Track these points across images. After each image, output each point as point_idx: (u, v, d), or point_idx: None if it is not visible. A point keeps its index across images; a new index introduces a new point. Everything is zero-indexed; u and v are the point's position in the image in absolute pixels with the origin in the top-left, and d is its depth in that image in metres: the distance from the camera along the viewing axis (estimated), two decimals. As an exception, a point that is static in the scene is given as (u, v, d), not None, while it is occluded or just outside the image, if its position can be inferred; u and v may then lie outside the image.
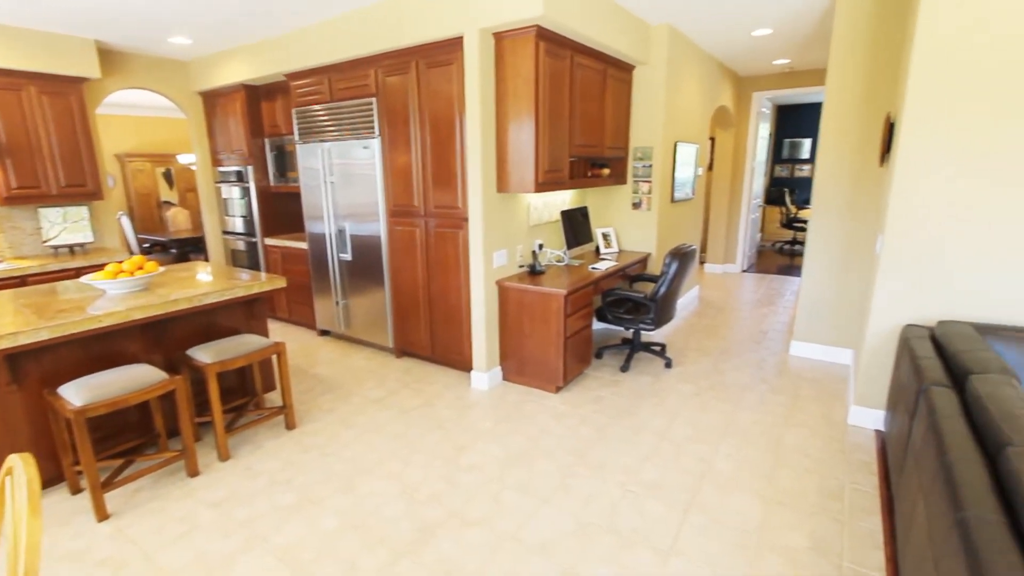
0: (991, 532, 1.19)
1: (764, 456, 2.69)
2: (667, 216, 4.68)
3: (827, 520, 2.20)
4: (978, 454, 1.49)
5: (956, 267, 2.56)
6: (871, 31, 3.42)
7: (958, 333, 2.25)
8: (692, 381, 3.62)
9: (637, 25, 3.94)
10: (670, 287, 3.56)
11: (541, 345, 3.42)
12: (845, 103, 3.56)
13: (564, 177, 3.56)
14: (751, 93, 6.59)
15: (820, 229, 3.82)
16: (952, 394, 1.87)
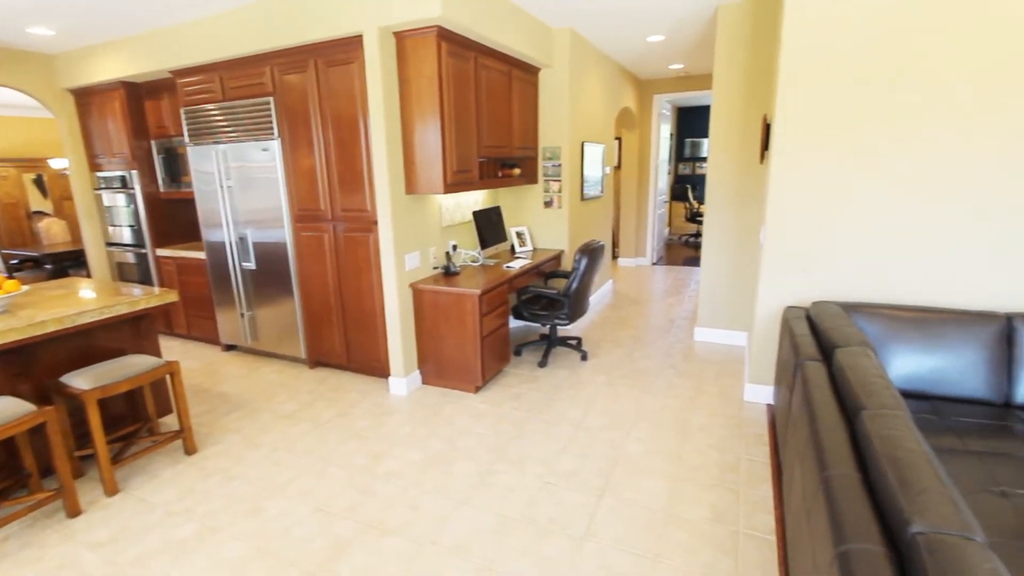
0: (848, 487, 1.34)
1: (671, 437, 2.86)
2: (578, 214, 4.83)
3: (725, 492, 2.38)
4: (841, 418, 1.68)
5: (826, 253, 2.86)
6: (748, 40, 3.73)
7: (827, 312, 2.51)
8: (606, 371, 3.77)
9: (540, 28, 4.04)
10: (581, 282, 3.68)
11: (458, 346, 3.42)
12: (729, 106, 3.87)
13: (474, 177, 3.57)
14: (652, 96, 6.97)
15: (714, 223, 4.11)
16: (822, 367, 2.08)
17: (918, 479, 1.20)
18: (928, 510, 1.11)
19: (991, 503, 1.72)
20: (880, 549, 1.12)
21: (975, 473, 1.87)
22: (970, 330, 2.40)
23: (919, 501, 1.14)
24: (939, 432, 2.15)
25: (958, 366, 2.40)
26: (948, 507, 1.12)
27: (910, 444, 1.34)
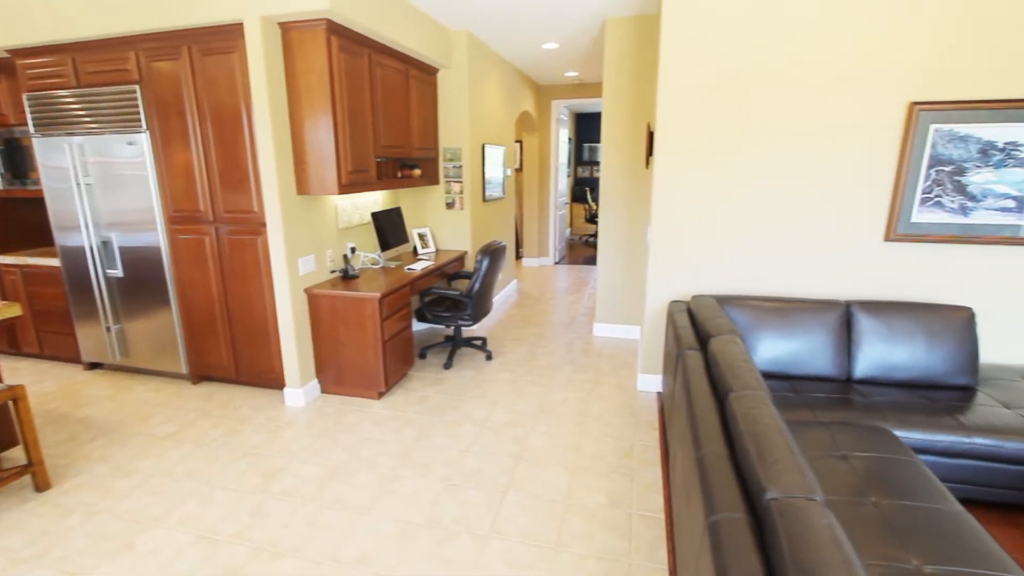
0: (717, 463, 1.48)
1: (572, 430, 2.98)
2: (480, 215, 4.87)
3: (620, 477, 2.53)
4: (713, 401, 1.85)
5: (705, 252, 3.13)
6: (633, 52, 3.98)
7: (705, 305, 2.76)
8: (511, 369, 3.84)
9: (437, 29, 4.02)
10: (484, 282, 3.72)
11: (359, 352, 3.30)
12: (618, 113, 4.11)
13: (371, 178, 3.47)
14: (550, 101, 7.20)
15: (608, 224, 4.35)
16: (700, 355, 2.28)
17: (773, 451, 1.36)
18: (780, 478, 1.26)
19: (835, 466, 1.98)
20: (743, 516, 1.26)
21: (823, 440, 2.15)
22: (819, 317, 2.75)
23: (773, 470, 1.29)
24: (796, 407, 2.44)
25: (811, 348, 2.74)
26: (796, 474, 1.28)
27: (767, 420, 1.51)
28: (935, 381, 2.59)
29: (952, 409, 2.34)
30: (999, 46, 2.56)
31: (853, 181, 2.86)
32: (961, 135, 2.67)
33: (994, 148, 2.65)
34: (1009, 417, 2.26)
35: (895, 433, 2.24)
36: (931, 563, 1.51)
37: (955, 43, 2.60)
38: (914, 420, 2.28)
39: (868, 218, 2.89)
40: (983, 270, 2.81)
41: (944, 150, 2.71)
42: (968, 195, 2.73)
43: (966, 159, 2.69)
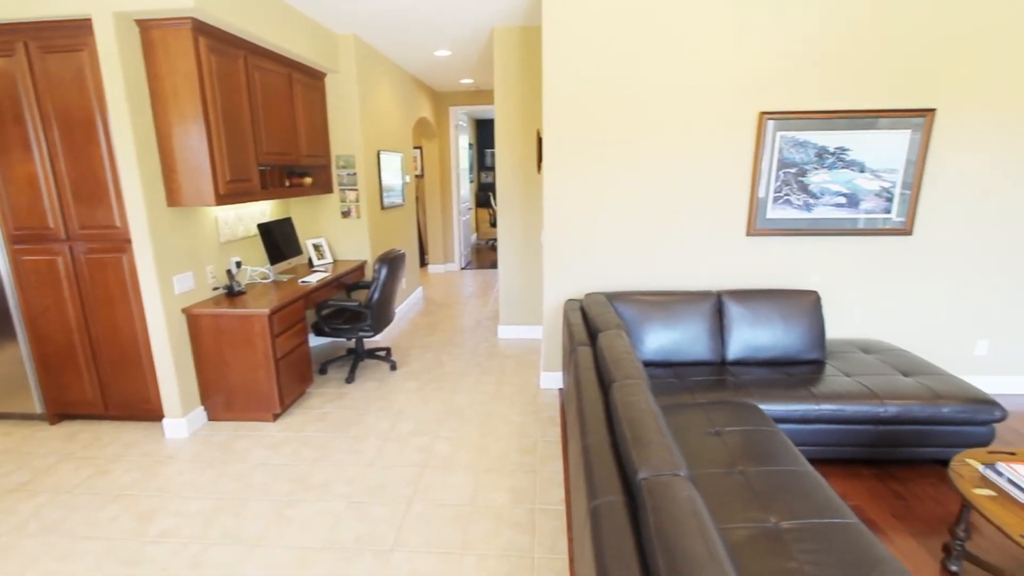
0: (600, 450, 1.58)
1: (477, 432, 3.01)
2: (379, 223, 4.77)
3: (523, 474, 2.60)
4: (600, 392, 1.97)
5: (595, 252, 3.30)
6: (521, 61, 4.11)
7: (595, 302, 2.91)
8: (416, 377, 3.80)
9: (320, 32, 3.89)
10: (383, 292, 3.65)
11: (249, 373, 3.10)
12: (510, 120, 4.22)
13: (254, 187, 3.28)
14: (448, 107, 7.22)
15: (506, 227, 4.44)
16: (590, 350, 2.41)
17: (645, 434, 1.47)
18: (650, 458, 1.37)
19: (710, 441, 2.18)
20: (620, 499, 1.35)
21: (700, 420, 2.35)
22: (695, 307, 3.01)
23: (645, 452, 1.40)
24: (678, 391, 2.65)
25: (690, 336, 2.99)
26: (664, 453, 1.39)
27: (642, 406, 1.63)
28: (792, 358, 2.93)
29: (806, 382, 2.67)
30: (828, 66, 2.96)
31: (719, 183, 3.16)
32: (801, 141, 3.05)
33: (827, 152, 3.05)
34: (849, 384, 2.62)
35: (760, 407, 2.50)
36: (787, 519, 1.71)
37: (794, 63, 2.97)
38: (775, 394, 2.56)
39: (733, 216, 3.21)
40: (825, 258, 3.23)
41: (789, 154, 3.08)
42: (810, 193, 3.12)
43: (806, 162, 3.08)
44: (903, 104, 2.99)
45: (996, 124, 2.99)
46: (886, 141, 3.03)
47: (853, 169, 3.07)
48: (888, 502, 2.35)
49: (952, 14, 2.87)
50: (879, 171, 3.06)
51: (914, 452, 2.53)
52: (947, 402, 2.45)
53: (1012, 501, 1.73)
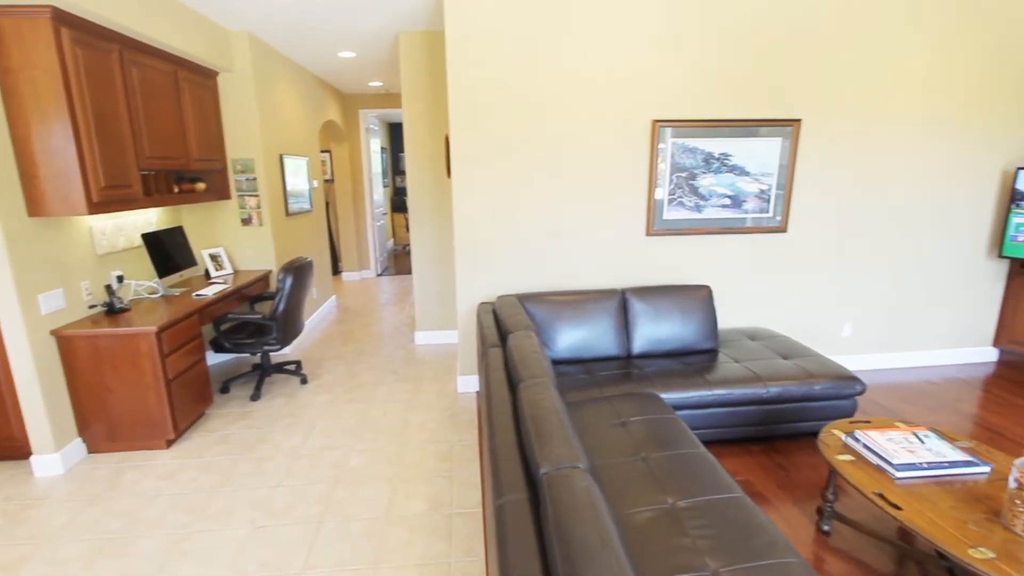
0: (507, 449, 1.61)
1: (392, 442, 2.95)
2: (284, 230, 4.54)
3: (441, 480, 2.58)
4: (509, 393, 2.01)
5: (506, 254, 3.36)
6: (428, 65, 4.10)
7: (507, 304, 2.96)
8: (329, 390, 3.65)
9: (209, 28, 3.64)
10: (289, 302, 3.48)
11: (136, 397, 2.83)
12: (418, 124, 4.18)
13: (135, 194, 3.00)
14: (357, 110, 7.02)
15: (419, 232, 4.40)
16: (500, 351, 2.45)
17: (548, 430, 1.53)
18: (552, 453, 1.42)
19: (616, 432, 2.29)
20: (524, 495, 1.39)
21: (607, 412, 2.46)
22: (602, 305, 3.15)
23: (546, 448, 1.45)
24: (588, 386, 2.76)
25: (598, 333, 3.12)
26: (565, 447, 1.45)
27: (546, 404, 1.69)
28: (690, 348, 3.15)
29: (701, 370, 2.88)
30: (714, 80, 3.22)
31: (620, 186, 3.34)
32: (690, 147, 3.30)
33: (713, 158, 3.32)
34: (738, 369, 2.86)
35: (661, 396, 2.67)
36: (683, 498, 1.83)
37: (684, 75, 3.20)
38: (674, 383, 2.74)
39: (634, 217, 3.39)
40: (715, 254, 3.51)
41: (681, 159, 3.31)
42: (700, 195, 3.38)
43: (696, 166, 3.33)
44: (775, 115, 3.32)
45: (848, 131, 3.40)
46: (763, 147, 3.34)
47: (736, 173, 3.36)
48: (774, 474, 2.60)
49: (811, 37, 3.23)
50: (758, 175, 3.38)
51: (794, 427, 2.82)
52: (818, 380, 2.75)
53: (867, 463, 1.98)
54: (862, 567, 2.01)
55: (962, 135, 3.50)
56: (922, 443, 2.02)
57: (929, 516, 1.69)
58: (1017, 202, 3.49)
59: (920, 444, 2.01)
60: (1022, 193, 3.46)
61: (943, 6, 3.27)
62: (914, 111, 3.42)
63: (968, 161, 3.55)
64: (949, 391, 3.46)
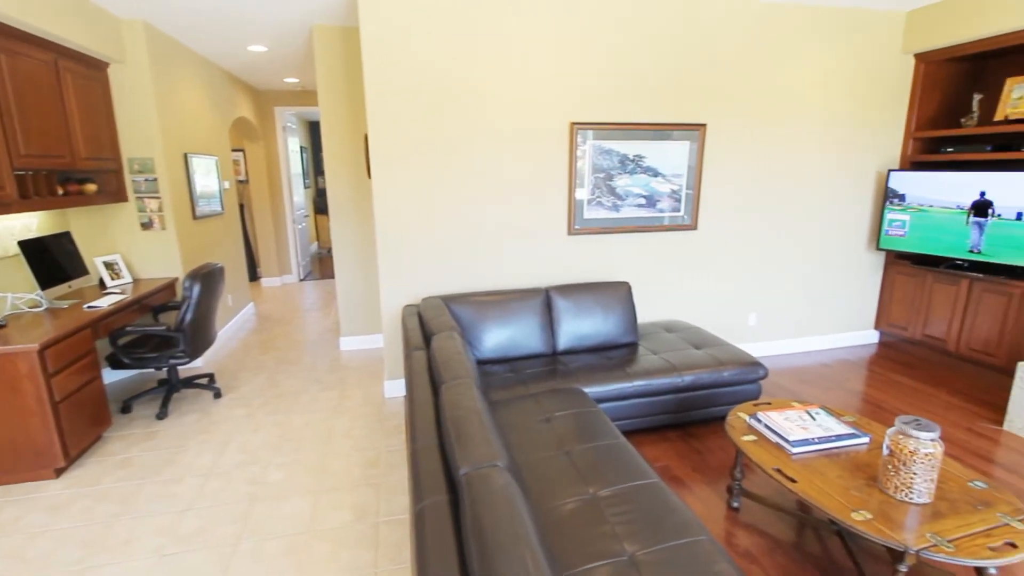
0: (427, 453, 1.60)
1: (315, 453, 2.84)
2: (191, 234, 4.24)
3: (367, 488, 2.52)
4: (431, 395, 1.99)
5: (431, 255, 3.33)
6: (345, 61, 3.97)
7: (431, 305, 2.94)
8: (246, 403, 3.45)
9: (95, 14, 3.32)
10: (197, 312, 3.25)
11: (16, 424, 2.54)
12: (336, 122, 4.05)
13: (9, 196, 2.69)
14: (272, 107, 6.68)
15: (341, 234, 4.27)
16: (424, 353, 2.42)
17: (468, 431, 1.53)
18: (471, 453, 1.43)
19: (541, 428, 2.34)
20: (445, 498, 1.38)
21: (533, 409, 2.51)
22: (527, 303, 3.20)
23: (466, 448, 1.45)
24: (514, 384, 2.79)
25: (524, 331, 3.17)
26: (484, 447, 1.46)
27: (467, 404, 1.69)
28: (612, 343, 3.28)
29: (622, 363, 3.00)
30: (625, 86, 3.36)
31: (543, 187, 3.40)
32: (607, 149, 3.42)
33: (628, 159, 3.47)
34: (656, 360, 3.01)
35: (585, 391, 2.75)
36: (604, 488, 1.90)
37: (599, 80, 3.31)
38: (597, 377, 2.84)
39: (555, 217, 3.47)
40: (633, 252, 3.66)
41: (598, 161, 3.43)
42: (617, 196, 3.51)
43: (612, 168, 3.46)
44: (684, 119, 3.52)
45: (749, 136, 3.67)
46: (674, 150, 3.53)
47: (650, 174, 3.52)
48: (690, 458, 2.75)
49: (716, 49, 3.45)
50: (670, 176, 3.57)
51: (707, 412, 3.00)
52: (727, 367, 2.94)
53: (768, 442, 2.15)
54: (767, 538, 2.18)
55: (845, 140, 3.87)
56: (814, 420, 2.22)
57: (819, 486, 1.86)
58: (890, 200, 3.92)
59: (812, 421, 2.21)
60: (894, 192, 3.89)
61: (829, 28, 3.61)
62: (805, 119, 3.74)
63: (851, 163, 3.94)
64: (839, 371, 3.82)
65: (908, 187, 3.79)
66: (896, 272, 4.13)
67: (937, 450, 1.72)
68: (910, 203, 3.79)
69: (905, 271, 4.05)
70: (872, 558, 2.05)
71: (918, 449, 1.72)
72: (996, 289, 3.45)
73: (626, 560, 1.55)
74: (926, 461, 1.72)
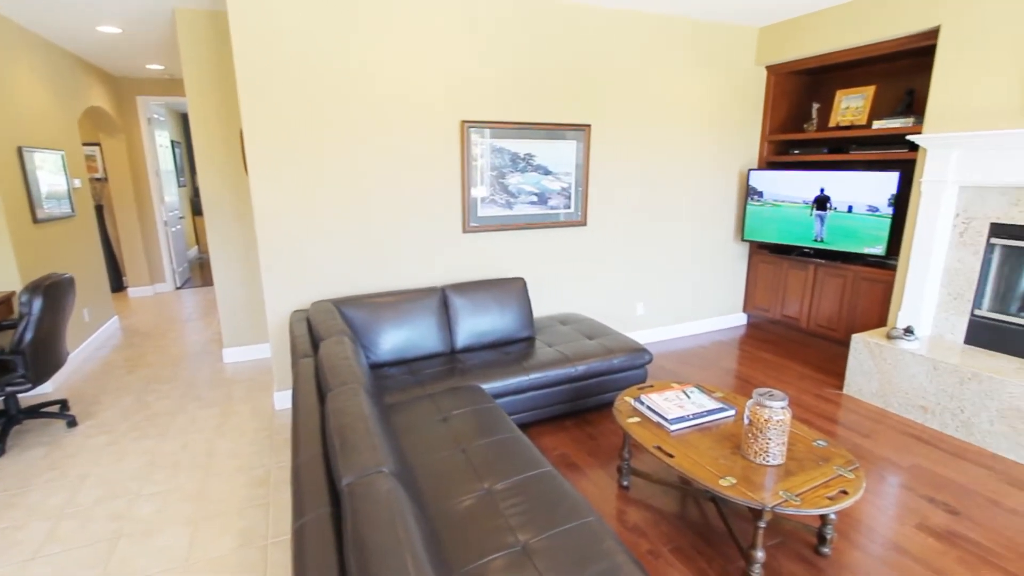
0: (310, 467, 1.52)
1: (194, 476, 2.60)
2: (31, 241, 3.68)
3: (255, 509, 2.35)
4: (318, 404, 1.90)
5: (319, 257, 3.17)
6: (214, 49, 3.65)
7: (321, 310, 2.80)
8: (108, 430, 3.07)
9: None
10: (39, 330, 2.83)
11: None
12: (207, 115, 3.72)
13: None
14: (134, 96, 5.98)
15: (219, 237, 3.93)
16: (312, 361, 2.31)
17: (353, 439, 1.48)
18: (355, 461, 1.38)
19: (438, 428, 2.32)
20: (327, 511, 1.33)
21: (430, 410, 2.49)
22: (424, 303, 3.16)
23: (350, 457, 1.40)
24: (412, 386, 2.75)
25: (422, 332, 3.13)
26: (369, 453, 1.42)
27: (354, 410, 1.64)
28: (510, 338, 3.34)
29: (520, 358, 3.06)
30: (514, 86, 3.42)
31: (437, 184, 3.37)
32: (499, 147, 3.47)
33: (519, 158, 3.54)
34: (552, 352, 3.11)
35: (483, 387, 2.78)
36: (499, 482, 1.93)
37: (491, 79, 3.34)
38: (495, 373, 2.88)
39: (450, 215, 3.46)
40: (528, 248, 3.76)
41: (491, 159, 3.46)
42: (510, 193, 3.58)
43: (504, 166, 3.52)
44: (570, 119, 3.66)
45: (630, 136, 3.91)
46: (562, 149, 3.66)
47: (540, 172, 3.63)
48: (585, 444, 2.88)
49: (599, 52, 3.62)
50: (559, 174, 3.70)
51: (600, 399, 3.16)
52: (616, 355, 3.12)
53: (650, 422, 2.31)
54: (654, 511, 2.34)
55: (714, 142, 4.26)
56: (689, 398, 2.42)
57: (693, 458, 2.04)
58: (751, 196, 4.37)
59: (687, 399, 2.41)
60: (754, 189, 4.35)
61: (695, 39, 3.93)
62: (679, 122, 4.06)
63: (719, 163, 4.34)
64: (715, 352, 4.21)
65: (765, 185, 4.26)
66: (758, 261, 4.62)
67: (786, 416, 1.96)
68: (767, 199, 4.26)
69: (765, 259, 4.55)
70: (741, 518, 2.28)
71: (771, 417, 1.94)
72: (835, 272, 3.99)
73: (519, 550, 1.59)
74: (778, 427, 1.95)
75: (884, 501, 2.39)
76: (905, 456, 2.75)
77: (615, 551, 1.57)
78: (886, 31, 3.38)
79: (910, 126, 3.43)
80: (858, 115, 3.90)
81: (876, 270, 3.72)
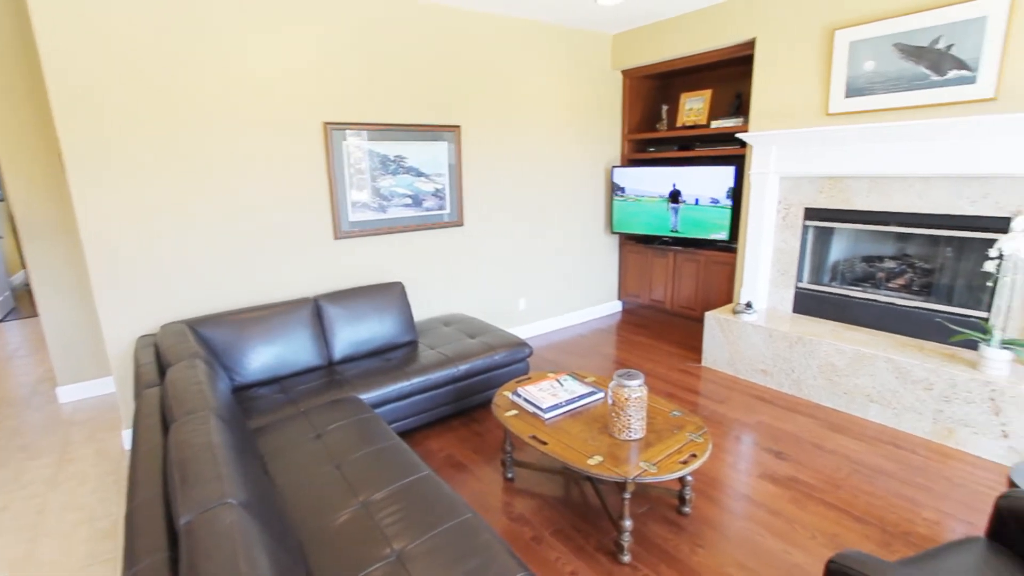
0: (148, 510, 1.38)
1: (19, 542, 2.23)
2: None
3: (100, 566, 2.08)
4: (162, 439, 1.72)
5: (166, 275, 2.86)
6: (18, 38, 3.14)
7: (171, 332, 2.53)
8: None
9: None
10: None
11: None
12: (11, 121, 3.20)
13: None
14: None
15: (41, 258, 3.40)
16: (158, 391, 2.08)
17: (195, 471, 1.36)
18: (196, 497, 1.27)
19: (311, 446, 2.21)
20: (164, 555, 1.21)
21: (303, 428, 2.36)
22: (294, 315, 2.99)
23: (190, 492, 1.29)
24: (284, 405, 2.59)
25: (294, 346, 2.95)
26: (214, 485, 1.31)
27: (199, 440, 1.50)
28: (391, 344, 3.27)
29: (402, 363, 3.01)
30: (380, 87, 3.34)
31: (301, 190, 3.20)
32: (367, 150, 3.38)
33: (389, 160, 3.48)
34: (434, 355, 3.10)
35: (361, 397, 2.70)
36: (375, 492, 1.88)
37: (356, 80, 3.22)
38: (375, 381, 2.80)
39: (319, 221, 3.30)
40: (405, 251, 3.70)
41: (359, 162, 3.36)
42: (383, 196, 3.50)
43: (374, 168, 3.43)
44: (439, 120, 3.66)
45: (497, 137, 4.00)
46: (433, 150, 3.65)
47: (412, 174, 3.59)
48: (471, 442, 2.91)
49: (466, 55, 3.65)
50: (432, 175, 3.69)
51: (484, 396, 3.21)
52: (497, 351, 3.18)
53: (526, 413, 2.39)
54: (538, 498, 2.43)
55: (580, 141, 4.50)
56: (562, 386, 2.54)
57: (565, 443, 2.14)
58: (616, 192, 4.69)
59: (561, 387, 2.53)
60: (617, 185, 4.67)
61: (556, 43, 4.11)
62: (547, 122, 4.23)
63: (587, 161, 4.60)
64: (593, 339, 4.46)
65: (627, 181, 4.59)
66: (627, 251, 4.97)
67: (643, 393, 2.13)
68: (629, 194, 4.60)
69: (633, 250, 4.91)
70: (613, 494, 2.45)
71: (630, 396, 2.10)
72: (690, 258, 4.42)
73: (394, 560, 1.56)
74: (637, 404, 2.12)
75: (734, 458, 2.70)
76: (752, 415, 3.12)
77: (491, 544, 1.61)
78: (713, 41, 3.80)
79: (740, 125, 3.89)
80: (700, 116, 4.34)
81: (723, 254, 4.17)
